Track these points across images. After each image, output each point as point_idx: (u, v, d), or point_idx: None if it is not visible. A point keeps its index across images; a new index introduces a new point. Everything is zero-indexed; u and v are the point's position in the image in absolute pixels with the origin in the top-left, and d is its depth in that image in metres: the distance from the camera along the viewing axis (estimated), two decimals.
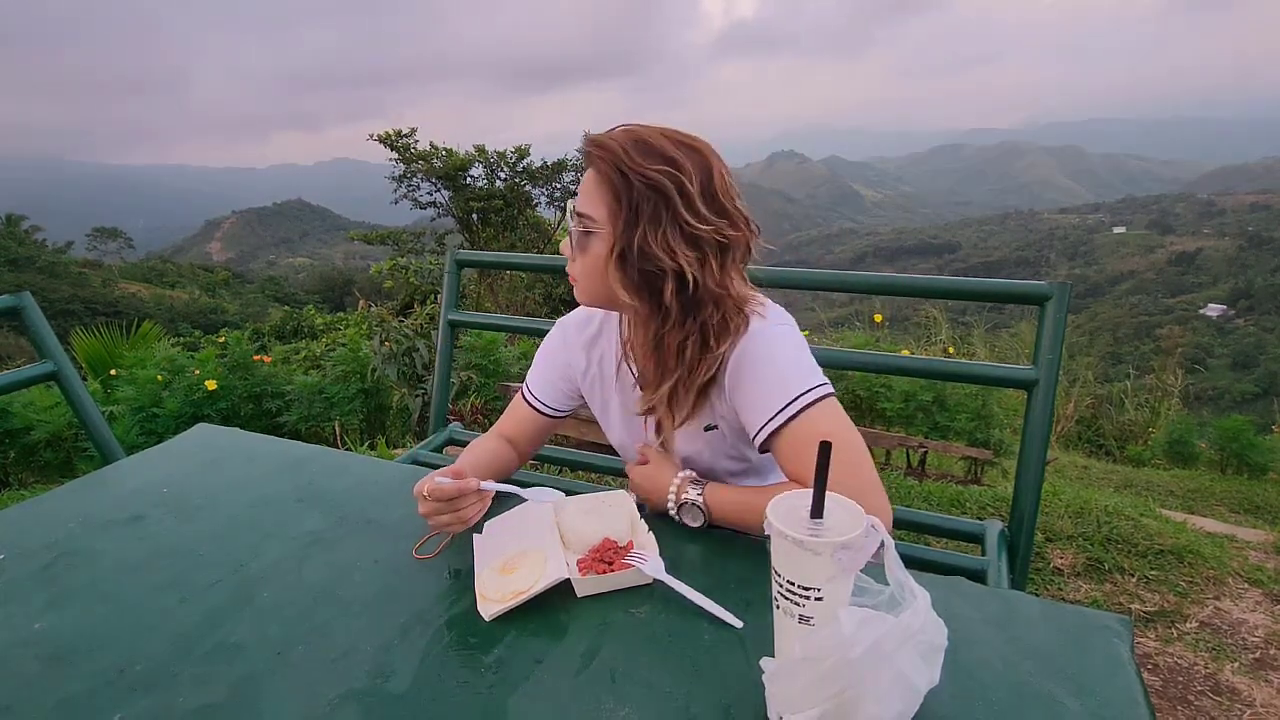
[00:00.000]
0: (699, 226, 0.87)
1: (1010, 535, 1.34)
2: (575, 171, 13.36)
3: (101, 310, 30.58)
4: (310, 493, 1.12)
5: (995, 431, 4.07)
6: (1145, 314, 55.71)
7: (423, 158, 12.88)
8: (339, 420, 4.59)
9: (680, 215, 0.86)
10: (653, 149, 0.87)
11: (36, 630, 0.81)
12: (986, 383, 1.69)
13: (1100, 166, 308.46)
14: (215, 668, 0.74)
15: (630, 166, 0.86)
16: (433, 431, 1.84)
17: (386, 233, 14.45)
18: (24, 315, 1.73)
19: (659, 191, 0.86)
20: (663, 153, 0.87)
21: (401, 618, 0.81)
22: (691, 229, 0.87)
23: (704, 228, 0.87)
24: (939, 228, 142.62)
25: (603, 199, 0.90)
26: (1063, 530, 2.46)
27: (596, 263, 0.92)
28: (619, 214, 0.88)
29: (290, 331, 12.75)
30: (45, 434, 4.08)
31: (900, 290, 1.48)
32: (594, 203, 0.90)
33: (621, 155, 0.87)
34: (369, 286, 19.19)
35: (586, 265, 0.93)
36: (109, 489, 1.16)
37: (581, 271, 0.95)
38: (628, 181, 0.87)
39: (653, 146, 0.88)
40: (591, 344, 1.12)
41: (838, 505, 0.67)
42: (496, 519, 0.99)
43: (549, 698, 0.69)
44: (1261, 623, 2.04)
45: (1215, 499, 3.84)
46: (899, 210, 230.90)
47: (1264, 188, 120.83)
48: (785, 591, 0.65)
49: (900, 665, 0.59)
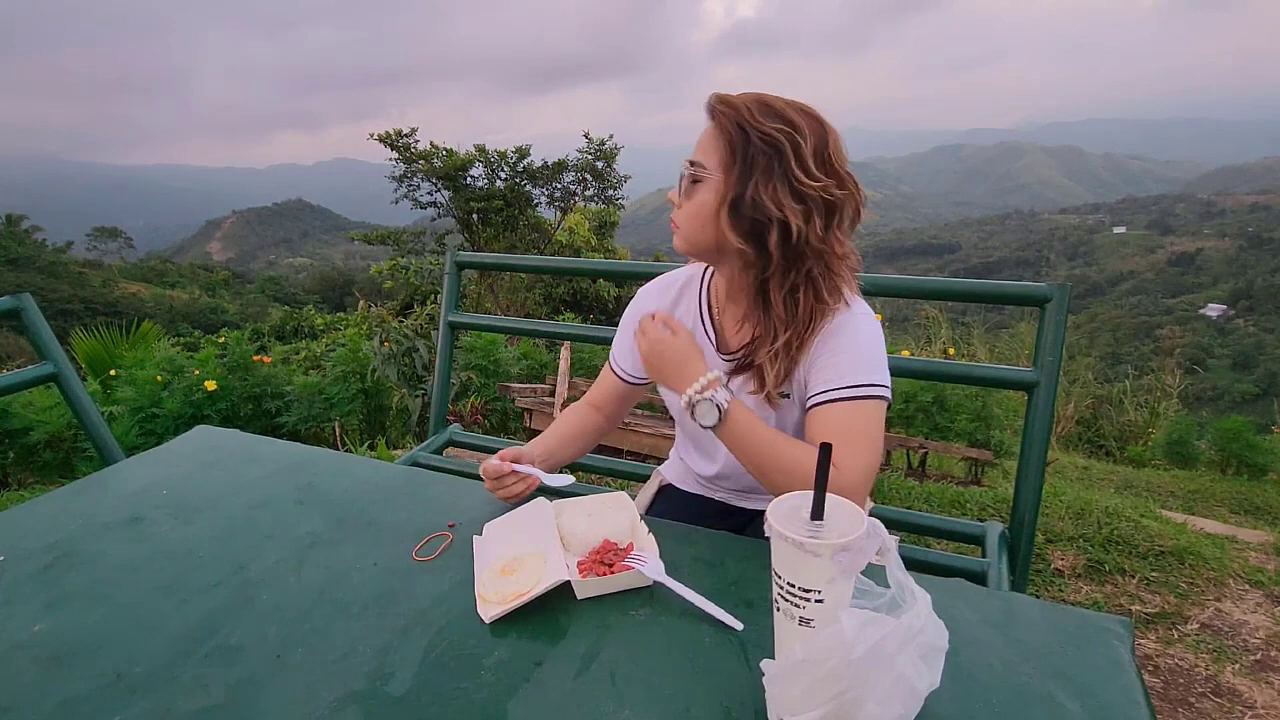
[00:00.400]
0: (808, 184, 0.92)
1: (1011, 536, 1.34)
2: (575, 171, 13.35)
3: (101, 310, 30.59)
4: (310, 494, 1.12)
5: (995, 432, 4.07)
6: (1145, 314, 55.68)
7: (423, 157, 12.88)
8: (339, 421, 4.59)
9: (792, 171, 0.92)
10: (774, 110, 0.93)
11: (35, 632, 0.80)
12: (986, 384, 1.69)
13: (1100, 166, 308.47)
14: (214, 670, 0.74)
15: (751, 122, 0.92)
16: (433, 432, 1.84)
17: (387, 233, 14.44)
18: (24, 316, 1.73)
19: (774, 147, 0.92)
20: (782, 114, 0.93)
21: (401, 620, 0.81)
22: (800, 185, 0.92)
23: (813, 185, 0.92)
24: (939, 228, 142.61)
25: (717, 150, 0.95)
26: (1063, 531, 2.46)
27: (702, 209, 0.97)
28: (732, 165, 0.94)
29: (290, 332, 12.76)
30: (45, 435, 4.09)
31: (900, 291, 1.47)
32: (709, 153, 0.96)
33: (744, 112, 0.93)
34: (369, 287, 19.19)
35: (690, 210, 0.99)
36: (108, 490, 1.16)
37: (685, 217, 0.99)
38: (745, 136, 0.92)
39: (774, 109, 0.93)
40: (669, 310, 1.15)
41: (838, 507, 0.67)
42: (496, 520, 0.99)
43: (549, 700, 0.69)
44: (1262, 624, 2.04)
45: (1216, 500, 3.84)
46: (899, 210, 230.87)
47: (1264, 188, 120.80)
48: (785, 593, 0.65)
49: (901, 667, 0.59)
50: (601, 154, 13.22)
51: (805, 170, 0.92)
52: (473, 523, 1.00)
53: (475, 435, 1.93)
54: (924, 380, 3.83)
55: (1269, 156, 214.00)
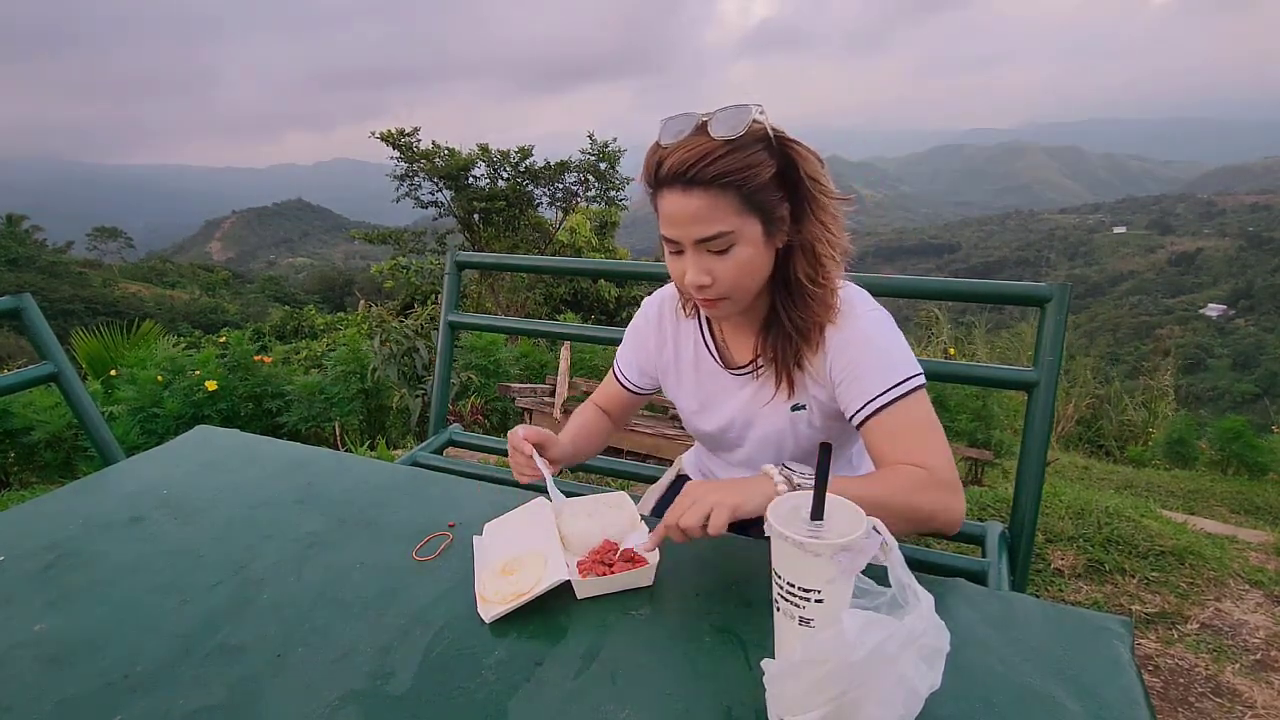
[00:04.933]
0: (823, 192, 0.93)
1: (1011, 536, 1.34)
2: (578, 172, 13.34)
3: (102, 310, 30.60)
4: (310, 494, 1.12)
5: (996, 432, 4.07)
6: (1145, 314, 55.67)
7: (425, 156, 12.87)
8: (339, 421, 4.59)
9: (796, 185, 0.93)
10: (731, 147, 0.90)
11: (36, 632, 0.81)
12: (987, 384, 1.69)
13: (1100, 166, 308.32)
14: (215, 669, 0.74)
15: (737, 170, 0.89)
16: (433, 433, 1.84)
17: (387, 232, 14.44)
18: (24, 316, 1.73)
19: (764, 175, 0.90)
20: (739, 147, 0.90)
21: (401, 619, 0.81)
22: (821, 194, 0.93)
23: (818, 187, 0.93)
24: (939, 228, 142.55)
25: (726, 208, 0.91)
26: (1063, 531, 2.46)
27: (748, 265, 0.93)
28: (748, 211, 0.91)
29: (290, 331, 12.77)
30: (45, 434, 4.09)
31: (900, 291, 1.47)
32: (720, 217, 0.91)
33: (721, 163, 0.89)
34: (369, 286, 19.19)
35: (736, 272, 0.93)
36: (109, 490, 1.16)
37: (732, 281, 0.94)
38: (744, 181, 0.90)
39: (724, 149, 0.90)
40: (676, 324, 1.15)
41: (838, 507, 0.67)
42: (496, 520, 0.99)
43: (549, 699, 0.69)
44: (1262, 624, 2.04)
45: (1216, 500, 3.84)
46: (899, 210, 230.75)
47: (1264, 188, 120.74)
48: (785, 593, 0.65)
49: (903, 669, 0.59)
50: (604, 155, 13.22)
51: (802, 177, 0.91)
52: (473, 523, 1.00)
53: (475, 435, 1.93)
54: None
55: (1269, 156, 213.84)
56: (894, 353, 0.97)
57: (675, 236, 0.93)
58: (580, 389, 4.35)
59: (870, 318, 0.99)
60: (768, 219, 0.92)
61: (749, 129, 0.88)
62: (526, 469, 1.04)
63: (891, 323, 1.01)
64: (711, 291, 0.95)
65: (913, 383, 0.95)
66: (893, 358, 0.97)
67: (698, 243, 0.91)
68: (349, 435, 4.47)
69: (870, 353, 0.97)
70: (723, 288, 0.94)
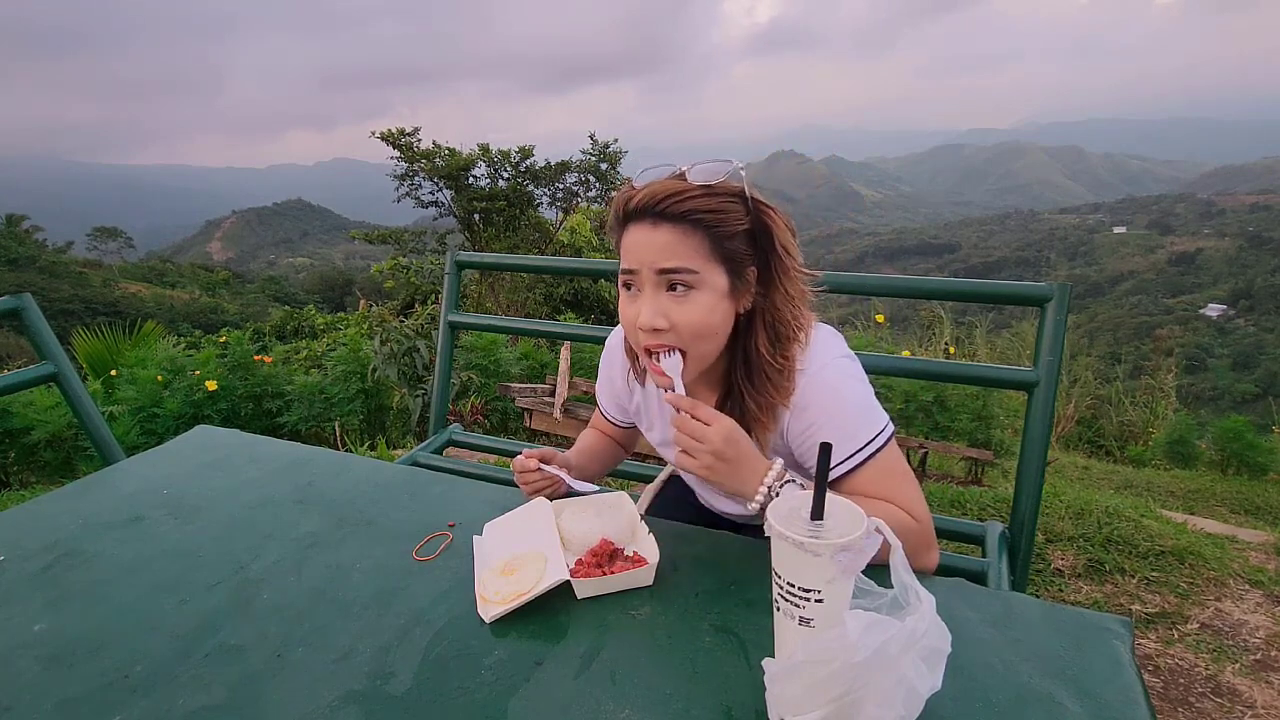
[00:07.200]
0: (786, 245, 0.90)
1: (1011, 536, 1.34)
2: (579, 172, 13.33)
3: (102, 310, 30.60)
4: (310, 494, 1.12)
5: (996, 432, 4.08)
6: (1145, 314, 55.67)
7: (425, 156, 12.87)
8: (339, 421, 4.59)
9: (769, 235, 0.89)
10: (707, 190, 0.88)
11: (36, 632, 0.81)
12: (987, 384, 1.69)
13: (1100, 166, 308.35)
14: (215, 669, 0.74)
15: (712, 210, 0.86)
16: (433, 433, 1.84)
17: (388, 232, 14.43)
18: (24, 316, 1.73)
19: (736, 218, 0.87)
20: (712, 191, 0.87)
21: (401, 619, 0.81)
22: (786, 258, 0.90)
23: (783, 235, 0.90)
24: (939, 228, 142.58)
25: (693, 247, 0.87)
26: (1063, 531, 2.46)
27: (712, 311, 0.87)
28: (714, 255, 0.87)
29: (291, 331, 12.76)
30: (45, 434, 4.09)
31: (900, 291, 1.47)
32: (686, 255, 0.87)
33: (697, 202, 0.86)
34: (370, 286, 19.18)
35: (698, 318, 0.87)
36: (109, 490, 1.16)
37: (693, 331, 0.87)
38: (719, 223, 0.86)
39: (700, 191, 0.88)
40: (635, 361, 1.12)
41: (838, 507, 0.67)
42: (496, 520, 0.99)
43: (549, 699, 0.69)
44: (1262, 624, 2.04)
45: (1216, 500, 3.84)
46: (899, 210, 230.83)
47: (1264, 188, 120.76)
48: (785, 593, 0.65)
49: (904, 670, 0.59)
50: (605, 156, 13.21)
51: (774, 244, 0.88)
52: (473, 523, 1.00)
53: (475, 435, 1.93)
54: (924, 380, 3.83)
55: (1269, 156, 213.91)
56: (859, 410, 0.91)
57: (635, 265, 0.87)
58: (580, 389, 4.35)
59: (825, 377, 0.92)
60: (734, 272, 0.87)
61: (727, 181, 0.86)
62: (539, 482, 1.04)
63: (854, 374, 0.94)
64: (666, 338, 0.87)
65: (876, 443, 0.90)
66: (858, 415, 0.91)
67: (659, 273, 0.85)
68: (349, 435, 4.47)
69: (837, 414, 0.91)
70: (679, 337, 0.87)
